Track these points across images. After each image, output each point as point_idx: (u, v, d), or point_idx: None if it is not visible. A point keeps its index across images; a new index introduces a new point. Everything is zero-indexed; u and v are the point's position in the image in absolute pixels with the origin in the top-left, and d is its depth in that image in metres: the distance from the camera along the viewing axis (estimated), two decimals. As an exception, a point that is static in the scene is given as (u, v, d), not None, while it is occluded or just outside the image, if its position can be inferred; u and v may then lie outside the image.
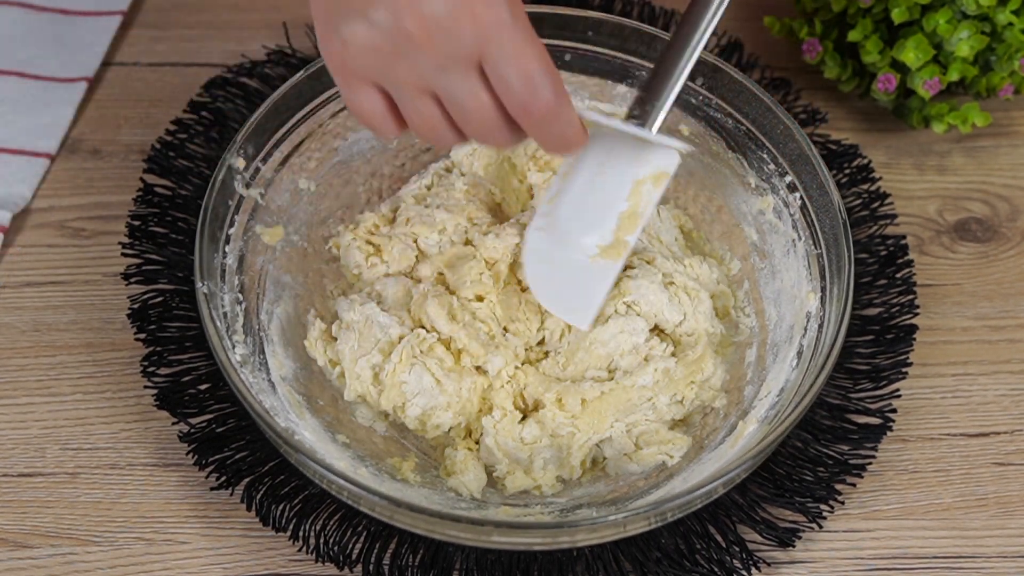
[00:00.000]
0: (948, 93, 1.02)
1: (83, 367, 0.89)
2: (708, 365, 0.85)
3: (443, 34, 0.65)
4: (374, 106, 0.72)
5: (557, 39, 0.94)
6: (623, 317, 0.86)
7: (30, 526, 0.82)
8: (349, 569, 0.81)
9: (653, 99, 0.80)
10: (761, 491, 0.84)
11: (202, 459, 0.84)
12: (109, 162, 1.00)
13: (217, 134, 0.99)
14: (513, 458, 0.83)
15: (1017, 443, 0.88)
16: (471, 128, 0.71)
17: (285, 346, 0.87)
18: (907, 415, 0.89)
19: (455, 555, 0.80)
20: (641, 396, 0.84)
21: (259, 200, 0.88)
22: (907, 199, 1.00)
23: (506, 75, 0.67)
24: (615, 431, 0.84)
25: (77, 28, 1.07)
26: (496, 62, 0.67)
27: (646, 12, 1.08)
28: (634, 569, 0.80)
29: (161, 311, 0.90)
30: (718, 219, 0.94)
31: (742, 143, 0.92)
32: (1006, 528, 0.84)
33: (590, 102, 0.96)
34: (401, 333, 0.85)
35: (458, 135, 0.72)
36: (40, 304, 0.92)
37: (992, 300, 0.95)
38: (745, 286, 0.92)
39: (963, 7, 0.96)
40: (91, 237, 0.96)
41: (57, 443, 0.86)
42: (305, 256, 0.91)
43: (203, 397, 0.86)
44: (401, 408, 0.84)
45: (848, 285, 0.82)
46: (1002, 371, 0.91)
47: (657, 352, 0.85)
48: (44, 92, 1.03)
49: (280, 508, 0.82)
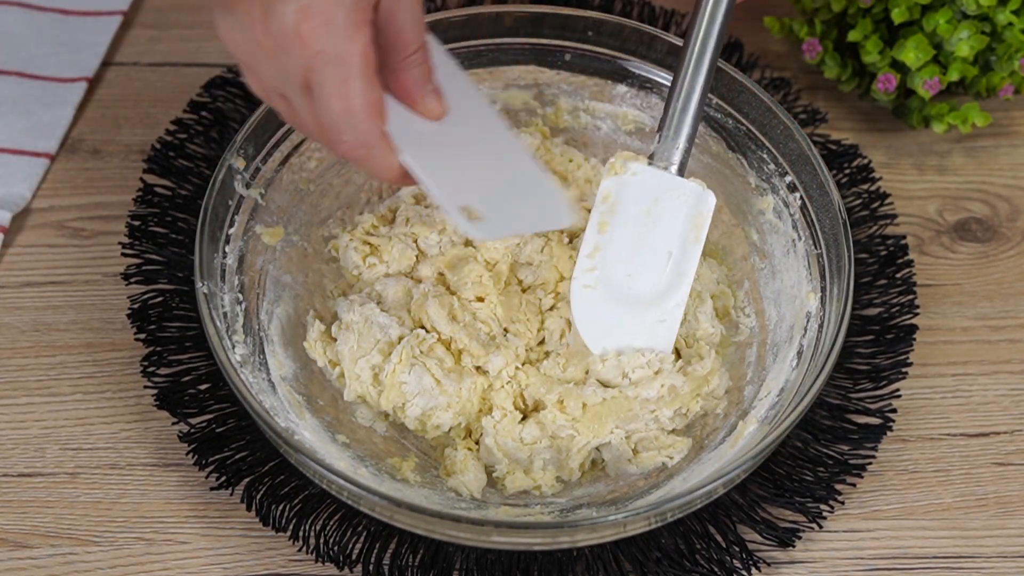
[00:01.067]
0: (948, 93, 1.02)
1: (83, 367, 0.89)
2: (715, 379, 0.85)
3: (280, 52, 0.68)
4: (257, 88, 0.74)
5: (557, 39, 0.94)
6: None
7: (30, 526, 0.82)
8: (349, 569, 0.81)
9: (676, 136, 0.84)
10: (761, 491, 0.84)
11: (202, 459, 0.84)
12: (109, 162, 1.00)
13: (217, 134, 0.99)
14: (513, 458, 0.83)
15: (1017, 443, 0.88)
16: (312, 137, 0.72)
17: (285, 346, 0.87)
18: (907, 415, 0.89)
19: (455, 555, 0.80)
20: (644, 407, 0.84)
21: (259, 200, 0.88)
22: (907, 199, 1.00)
23: (321, 105, 0.69)
24: (614, 437, 0.84)
25: (77, 28, 1.07)
26: (315, 94, 0.69)
27: (646, 12, 1.08)
28: (634, 569, 0.80)
29: (161, 311, 0.90)
30: (718, 219, 0.94)
31: (742, 143, 0.92)
32: (1006, 528, 0.84)
33: (590, 102, 0.96)
34: (401, 333, 0.85)
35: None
36: (40, 304, 0.92)
37: (992, 300, 0.95)
38: (745, 286, 0.92)
39: (963, 7, 0.96)
40: (91, 237, 0.96)
41: (57, 443, 0.86)
42: (305, 256, 0.91)
43: (203, 397, 0.86)
44: (401, 408, 0.84)
45: (848, 285, 0.82)
46: (1002, 371, 0.91)
47: (667, 367, 0.85)
48: (44, 92, 1.03)
49: (280, 508, 0.82)
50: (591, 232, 0.85)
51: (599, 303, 0.84)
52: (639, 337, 0.84)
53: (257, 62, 0.70)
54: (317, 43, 0.67)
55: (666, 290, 0.85)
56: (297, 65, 0.68)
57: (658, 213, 0.85)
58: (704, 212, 0.85)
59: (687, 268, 0.85)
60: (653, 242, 0.85)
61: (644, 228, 0.85)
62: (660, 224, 0.85)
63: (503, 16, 0.94)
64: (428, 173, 0.73)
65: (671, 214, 0.85)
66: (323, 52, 0.67)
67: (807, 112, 1.03)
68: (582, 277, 0.84)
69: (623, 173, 0.85)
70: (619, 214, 0.85)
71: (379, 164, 0.72)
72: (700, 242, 0.85)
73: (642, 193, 0.85)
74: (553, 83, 0.96)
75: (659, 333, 0.85)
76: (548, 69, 0.95)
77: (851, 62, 1.02)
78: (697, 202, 0.85)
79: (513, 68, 0.96)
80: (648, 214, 0.85)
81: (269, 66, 0.69)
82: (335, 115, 0.69)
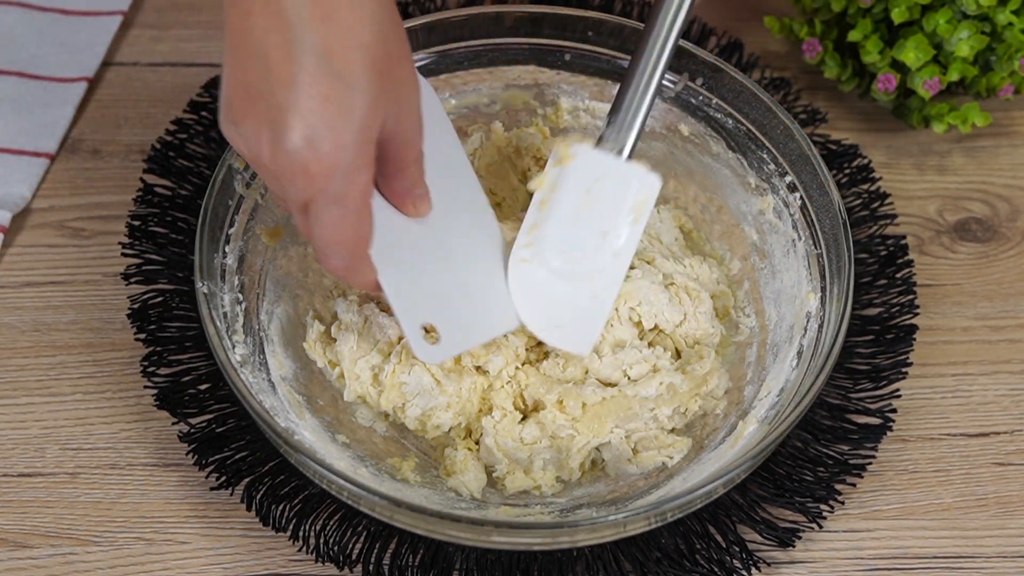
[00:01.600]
0: (948, 93, 1.02)
1: (83, 367, 0.89)
2: (714, 379, 0.85)
3: (285, 175, 0.69)
4: None
5: (557, 39, 0.94)
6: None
7: (30, 526, 0.82)
8: (349, 569, 0.81)
9: (623, 121, 0.84)
10: (761, 491, 0.84)
11: (202, 459, 0.84)
12: (109, 162, 1.00)
13: (217, 134, 0.99)
14: (513, 458, 0.83)
15: (1017, 443, 0.88)
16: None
17: (285, 346, 0.87)
18: (907, 415, 0.89)
19: (455, 555, 0.80)
20: (643, 406, 0.84)
21: (259, 200, 0.88)
22: (907, 199, 1.00)
23: (314, 232, 0.72)
24: (614, 437, 0.84)
25: (77, 28, 1.07)
26: (312, 217, 0.71)
27: (646, 12, 1.08)
28: (634, 569, 0.80)
29: (161, 311, 0.90)
30: (718, 219, 0.94)
31: (742, 143, 0.92)
32: (1006, 528, 0.84)
33: (590, 102, 0.96)
34: (400, 333, 0.85)
35: None
36: (40, 304, 0.92)
37: (992, 300, 0.95)
38: (745, 286, 0.92)
39: (963, 7, 0.96)
40: (91, 237, 0.96)
41: (57, 443, 0.86)
42: (305, 256, 0.91)
43: (203, 397, 0.86)
44: (401, 408, 0.84)
45: (848, 285, 0.82)
46: (1002, 371, 0.91)
47: (665, 364, 0.85)
48: (44, 92, 1.03)
49: (280, 508, 0.82)
50: (532, 209, 0.85)
51: (533, 277, 0.84)
52: (570, 312, 0.84)
53: (259, 172, 0.72)
54: (321, 182, 0.69)
55: (600, 269, 0.85)
56: (298, 190, 0.70)
57: (598, 193, 0.84)
58: (646, 195, 0.84)
59: (625, 249, 0.85)
60: (590, 221, 0.85)
61: (582, 207, 0.85)
62: (599, 204, 0.84)
63: (503, 16, 0.94)
64: (395, 295, 0.78)
65: (611, 195, 0.84)
66: (325, 192, 0.69)
67: (807, 112, 1.02)
68: (519, 251, 0.85)
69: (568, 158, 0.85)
70: (559, 192, 0.85)
71: (358, 281, 0.77)
72: (640, 223, 0.84)
73: (584, 174, 0.85)
74: (553, 83, 0.96)
75: (591, 310, 0.84)
76: (548, 69, 0.95)
77: (851, 62, 1.02)
78: (640, 185, 0.84)
79: (513, 68, 0.96)
80: (588, 193, 0.84)
81: (271, 181, 0.72)
82: (324, 243, 0.72)
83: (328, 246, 0.73)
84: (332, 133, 0.68)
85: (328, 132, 0.68)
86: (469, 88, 0.96)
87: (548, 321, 0.84)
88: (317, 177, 0.69)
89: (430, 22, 0.93)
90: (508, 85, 0.96)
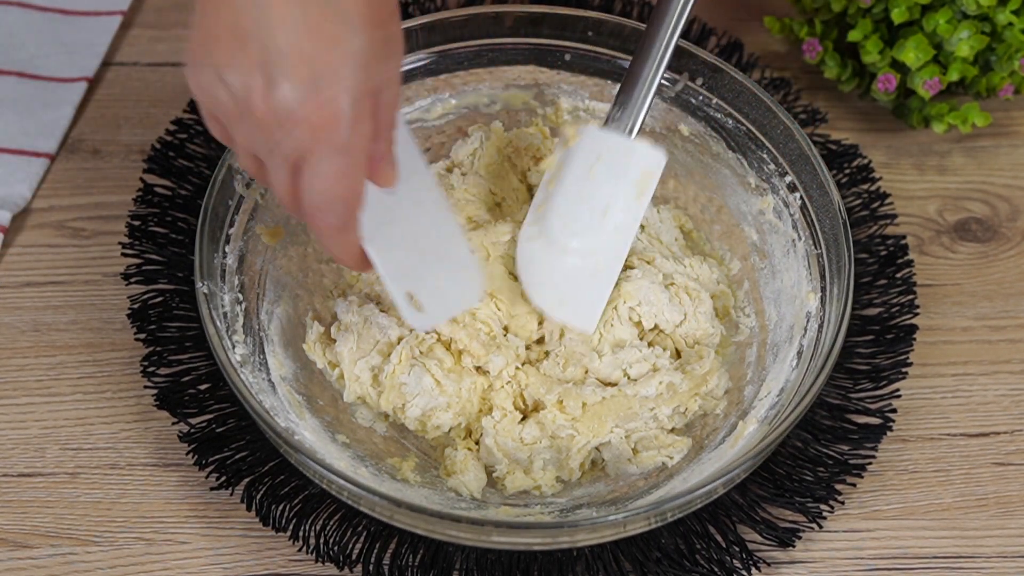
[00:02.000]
0: (948, 93, 1.02)
1: (83, 367, 0.89)
2: (713, 379, 0.85)
3: (280, 126, 0.65)
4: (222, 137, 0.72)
5: (557, 39, 0.94)
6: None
7: (30, 526, 0.82)
8: (349, 569, 0.81)
9: (630, 101, 0.85)
10: (761, 491, 0.84)
11: (202, 459, 0.84)
12: (109, 162, 1.00)
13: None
14: (513, 458, 0.83)
15: (1017, 443, 0.88)
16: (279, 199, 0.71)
17: (285, 346, 0.87)
18: (907, 415, 0.89)
19: (455, 555, 0.80)
20: (643, 406, 0.84)
21: (259, 200, 0.88)
22: (907, 199, 1.00)
23: (311, 185, 0.67)
24: (614, 436, 0.84)
25: (77, 28, 1.07)
26: (311, 169, 0.67)
27: (646, 12, 1.08)
28: (634, 569, 0.80)
29: (161, 311, 0.90)
30: (718, 219, 0.94)
31: (742, 143, 0.92)
32: (1006, 528, 0.84)
33: (590, 102, 0.96)
34: (400, 334, 0.85)
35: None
36: (40, 304, 0.92)
37: (992, 300, 0.95)
38: (745, 286, 0.92)
39: (963, 7, 0.96)
40: (91, 237, 0.96)
41: (57, 443, 0.86)
42: (305, 256, 0.91)
43: (203, 397, 0.86)
44: (401, 409, 0.84)
45: (848, 285, 0.82)
46: (1002, 371, 0.91)
47: (664, 363, 0.85)
48: (44, 92, 1.03)
49: (280, 508, 0.82)
50: (540, 189, 0.86)
51: (539, 254, 0.85)
52: (573, 288, 0.85)
53: (237, 124, 0.68)
54: (324, 131, 0.65)
55: (603, 245, 0.85)
56: (297, 141, 0.66)
57: (601, 171, 0.85)
58: (651, 171, 0.85)
59: (628, 225, 0.85)
60: (592, 198, 0.85)
61: (585, 184, 0.85)
62: (602, 181, 0.85)
63: (503, 16, 0.94)
64: (384, 264, 0.77)
65: (615, 172, 0.85)
66: (328, 140, 0.65)
67: (807, 112, 1.02)
68: (527, 229, 0.85)
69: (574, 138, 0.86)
70: (565, 170, 0.85)
71: (345, 247, 0.73)
72: (644, 198, 0.85)
73: (588, 152, 0.85)
74: (553, 83, 0.96)
75: (593, 286, 0.85)
76: (548, 69, 0.95)
77: (851, 62, 1.02)
78: (644, 162, 0.85)
79: (513, 68, 0.96)
80: (591, 171, 0.85)
81: (254, 133, 0.67)
82: (323, 198, 0.68)
83: (327, 201, 0.68)
84: (337, 78, 0.63)
85: (333, 76, 0.63)
86: (469, 88, 0.96)
87: (555, 298, 0.85)
88: (320, 125, 0.64)
89: (430, 22, 0.93)
90: (508, 85, 0.96)
